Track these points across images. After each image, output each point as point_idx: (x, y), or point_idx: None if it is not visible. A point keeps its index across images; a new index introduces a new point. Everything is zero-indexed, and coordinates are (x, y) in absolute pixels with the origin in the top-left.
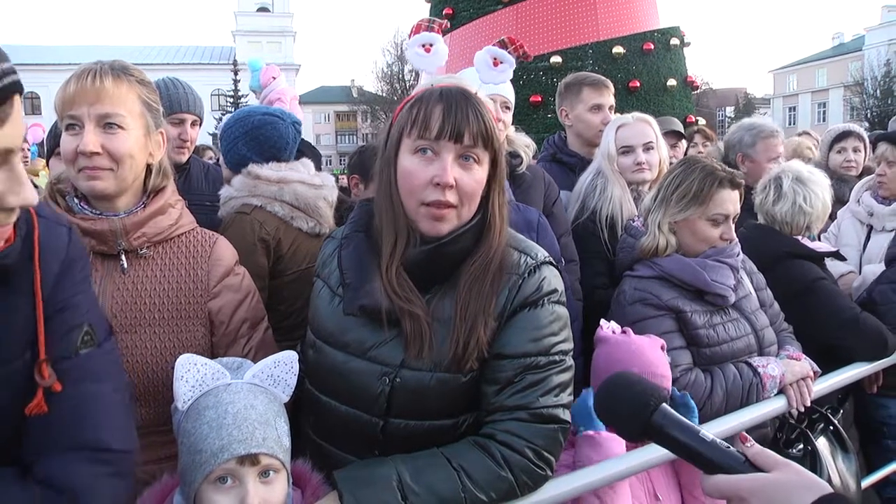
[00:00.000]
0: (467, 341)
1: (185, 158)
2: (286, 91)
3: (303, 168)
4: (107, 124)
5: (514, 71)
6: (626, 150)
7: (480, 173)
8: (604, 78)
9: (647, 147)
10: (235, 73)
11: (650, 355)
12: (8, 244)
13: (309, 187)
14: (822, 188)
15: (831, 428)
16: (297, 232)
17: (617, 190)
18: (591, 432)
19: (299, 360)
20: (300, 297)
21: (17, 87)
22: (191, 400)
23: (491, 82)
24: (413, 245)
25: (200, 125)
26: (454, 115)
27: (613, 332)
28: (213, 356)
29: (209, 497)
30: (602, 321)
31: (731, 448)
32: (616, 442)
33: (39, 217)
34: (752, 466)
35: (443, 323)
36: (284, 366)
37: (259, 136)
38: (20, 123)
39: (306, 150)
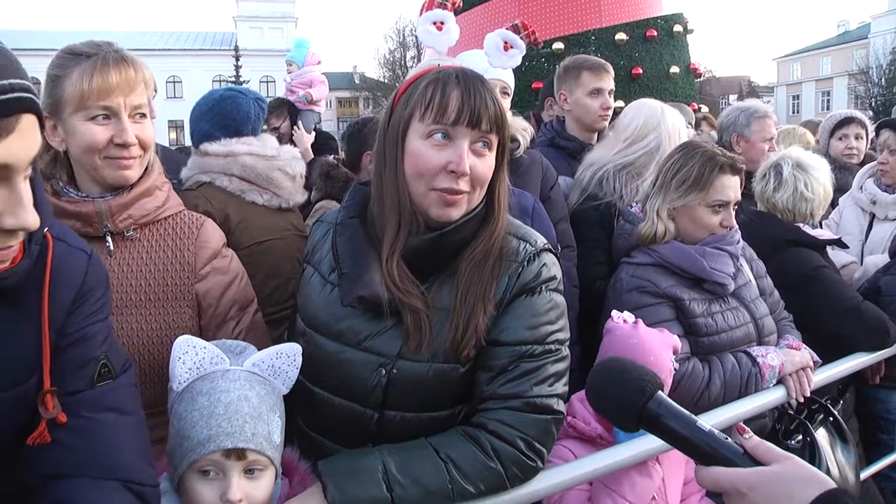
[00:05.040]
0: (466, 327)
1: None
2: (316, 81)
3: (257, 141)
4: (138, 114)
5: None
6: None
7: (491, 159)
8: (603, 61)
9: None
10: (237, 59)
11: (650, 356)
12: (13, 265)
13: (259, 158)
14: (822, 174)
15: (831, 419)
16: (250, 206)
17: None
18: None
19: None
20: (258, 272)
21: (25, 106)
22: (187, 382)
23: (500, 66)
24: (416, 233)
25: None
26: (473, 99)
27: (625, 322)
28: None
29: (192, 486)
30: (614, 312)
31: (730, 439)
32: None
33: (57, 240)
34: (750, 459)
35: (441, 312)
36: (287, 357)
37: (220, 111)
38: (29, 143)
39: (329, 141)
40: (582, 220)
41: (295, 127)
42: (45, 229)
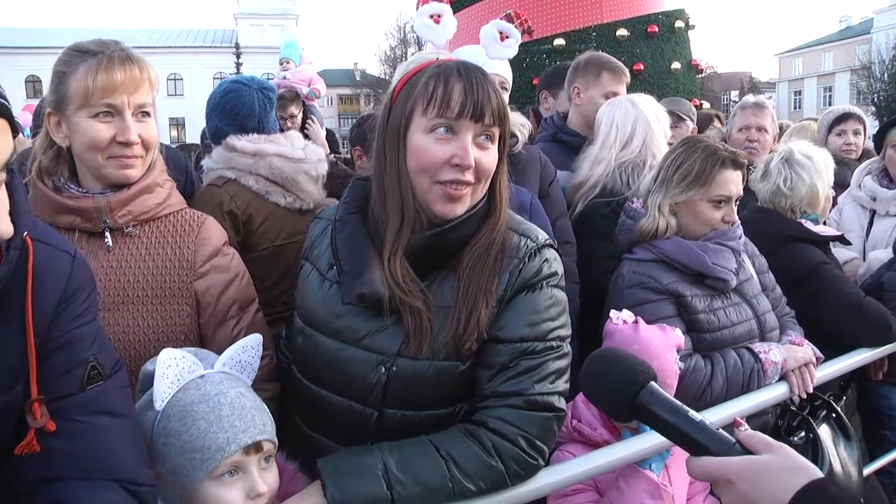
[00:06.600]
0: (468, 321)
1: None
2: (315, 79)
3: (285, 141)
4: (141, 113)
5: (517, 53)
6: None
7: (495, 152)
8: (624, 66)
9: None
10: (238, 56)
11: (654, 362)
12: None
13: (287, 161)
14: (811, 172)
15: (833, 415)
16: (272, 207)
17: None
18: (650, 472)
19: (286, 347)
20: (274, 273)
21: None
22: (169, 397)
23: (497, 57)
24: (419, 230)
25: None
26: (476, 92)
27: (625, 322)
28: (201, 338)
29: (213, 493)
30: (612, 312)
31: (722, 431)
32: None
33: (38, 243)
34: (742, 450)
35: (442, 310)
36: (251, 350)
37: (226, 106)
38: (2, 149)
39: (332, 138)
40: (594, 213)
41: (309, 122)
42: (25, 234)
